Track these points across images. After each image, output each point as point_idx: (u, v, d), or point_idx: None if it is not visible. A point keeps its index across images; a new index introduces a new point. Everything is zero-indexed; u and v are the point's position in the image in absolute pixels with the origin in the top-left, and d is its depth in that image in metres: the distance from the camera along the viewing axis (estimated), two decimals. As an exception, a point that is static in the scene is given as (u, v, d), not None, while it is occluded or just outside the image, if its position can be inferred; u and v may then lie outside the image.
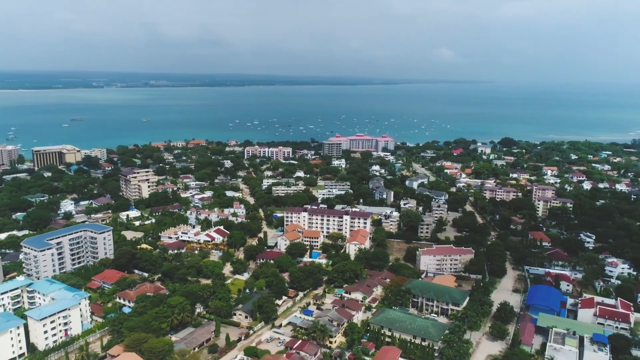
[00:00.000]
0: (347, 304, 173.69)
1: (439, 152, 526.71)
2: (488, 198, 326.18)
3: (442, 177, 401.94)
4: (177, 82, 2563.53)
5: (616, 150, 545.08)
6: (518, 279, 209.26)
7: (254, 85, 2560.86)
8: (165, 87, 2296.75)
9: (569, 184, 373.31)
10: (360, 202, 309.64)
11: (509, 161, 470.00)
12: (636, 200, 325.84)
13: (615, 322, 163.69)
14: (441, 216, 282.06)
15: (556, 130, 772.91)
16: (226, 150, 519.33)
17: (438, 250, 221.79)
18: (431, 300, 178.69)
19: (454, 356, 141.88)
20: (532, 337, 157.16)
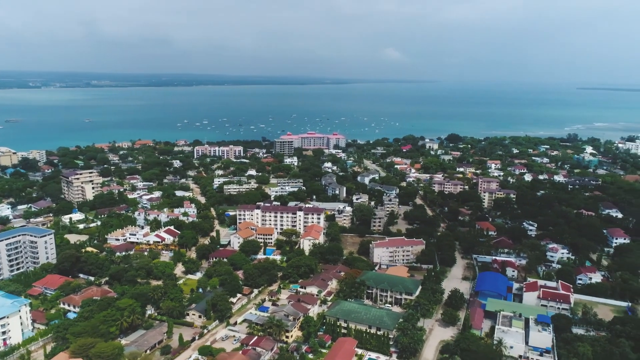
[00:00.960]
0: (302, 299, 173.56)
1: (388, 148, 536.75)
2: (437, 191, 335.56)
3: (392, 172, 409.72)
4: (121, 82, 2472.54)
5: (553, 144, 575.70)
6: (467, 267, 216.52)
7: (202, 85, 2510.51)
8: (108, 87, 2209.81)
9: (511, 176, 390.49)
10: (313, 199, 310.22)
11: (455, 156, 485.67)
12: (573, 190, 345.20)
13: (557, 303, 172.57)
14: (393, 210, 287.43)
15: (498, 127, 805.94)
16: (175, 150, 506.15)
17: (390, 242, 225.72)
18: (385, 290, 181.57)
19: (409, 343, 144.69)
20: (482, 321, 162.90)
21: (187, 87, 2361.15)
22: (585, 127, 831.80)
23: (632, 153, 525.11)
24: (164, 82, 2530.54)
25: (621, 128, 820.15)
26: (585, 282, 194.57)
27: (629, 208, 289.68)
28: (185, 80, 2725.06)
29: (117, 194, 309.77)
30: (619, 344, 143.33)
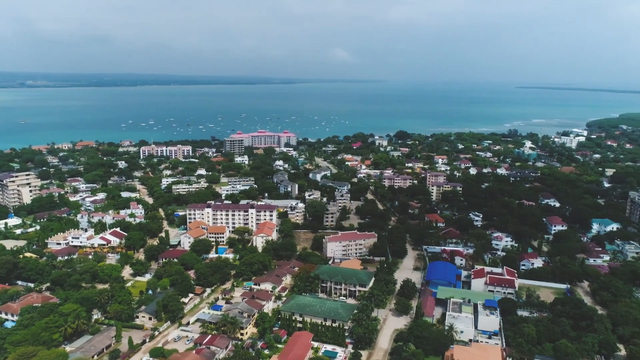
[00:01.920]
0: (256, 295, 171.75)
1: (339, 146, 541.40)
2: (387, 186, 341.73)
3: (343, 169, 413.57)
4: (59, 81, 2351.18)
5: (496, 140, 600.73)
6: (418, 257, 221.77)
7: (147, 85, 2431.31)
8: (45, 87, 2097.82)
9: (457, 170, 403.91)
10: (265, 196, 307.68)
11: (404, 152, 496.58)
12: (514, 182, 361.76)
13: (503, 288, 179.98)
14: (345, 205, 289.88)
15: (444, 124, 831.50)
16: (120, 151, 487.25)
17: (343, 236, 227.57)
18: (339, 283, 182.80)
19: (364, 333, 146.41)
20: (433, 308, 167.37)
21: (131, 87, 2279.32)
22: (524, 123, 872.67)
23: (567, 147, 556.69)
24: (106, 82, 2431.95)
25: (556, 124, 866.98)
26: (528, 267, 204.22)
27: (565, 197, 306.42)
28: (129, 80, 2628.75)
29: (58, 196, 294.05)
30: (560, 323, 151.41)
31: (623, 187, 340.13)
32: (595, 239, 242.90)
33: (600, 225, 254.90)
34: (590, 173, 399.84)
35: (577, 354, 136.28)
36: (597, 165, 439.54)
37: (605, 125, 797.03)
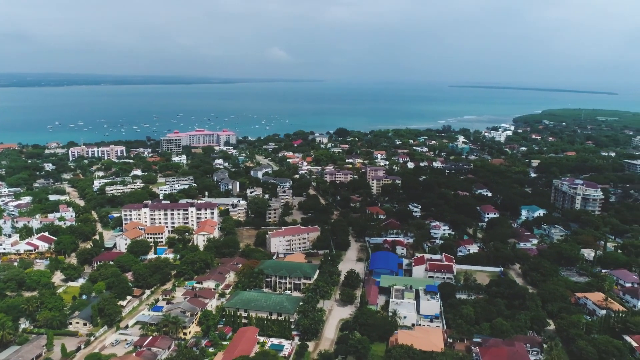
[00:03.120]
0: (199, 294, 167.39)
1: (280, 143, 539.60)
2: (329, 181, 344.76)
3: (285, 166, 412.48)
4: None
5: (431, 135, 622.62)
6: (361, 249, 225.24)
7: (76, 85, 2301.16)
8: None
9: (396, 165, 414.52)
10: (205, 195, 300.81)
11: (344, 148, 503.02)
12: (449, 174, 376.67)
13: (442, 274, 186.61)
14: (287, 201, 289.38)
15: (382, 121, 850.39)
16: (46, 153, 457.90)
17: (287, 231, 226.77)
18: (284, 277, 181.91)
19: (310, 324, 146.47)
20: (377, 297, 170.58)
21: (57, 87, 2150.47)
22: (457, 120, 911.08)
23: (497, 140, 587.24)
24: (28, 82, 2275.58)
25: (486, 120, 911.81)
26: (465, 253, 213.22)
27: (496, 187, 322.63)
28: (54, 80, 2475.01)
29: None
30: (495, 303, 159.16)
31: (547, 176, 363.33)
32: (524, 224, 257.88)
33: (529, 211, 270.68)
34: (518, 164, 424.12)
35: (512, 331, 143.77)
36: (523, 157, 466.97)
37: (530, 121, 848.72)
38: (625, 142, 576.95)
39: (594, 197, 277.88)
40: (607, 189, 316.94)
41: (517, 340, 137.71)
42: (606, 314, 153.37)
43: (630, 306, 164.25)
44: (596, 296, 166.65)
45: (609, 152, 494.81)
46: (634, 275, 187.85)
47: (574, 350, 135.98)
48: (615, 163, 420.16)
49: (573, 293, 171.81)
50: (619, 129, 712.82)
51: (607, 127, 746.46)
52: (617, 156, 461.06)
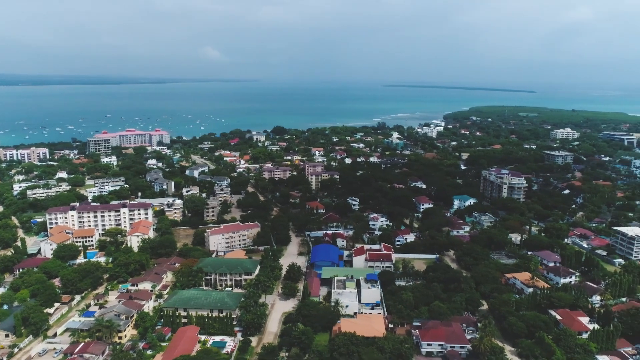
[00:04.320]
0: (135, 296, 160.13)
1: (216, 142, 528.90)
2: (267, 178, 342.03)
3: (222, 164, 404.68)
4: None
5: (367, 132, 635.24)
6: (301, 243, 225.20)
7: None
8: None
9: (334, 161, 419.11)
10: (139, 196, 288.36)
11: (282, 146, 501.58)
12: (386, 168, 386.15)
13: (382, 263, 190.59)
14: (225, 199, 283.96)
15: (319, 119, 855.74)
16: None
17: (225, 228, 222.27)
18: (224, 274, 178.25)
19: (252, 319, 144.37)
20: (319, 288, 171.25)
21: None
22: (391, 117, 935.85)
23: (429, 136, 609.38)
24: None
25: (418, 117, 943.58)
26: (403, 242, 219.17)
27: (430, 179, 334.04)
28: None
29: None
30: (432, 288, 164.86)
31: (476, 168, 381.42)
32: (457, 213, 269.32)
33: (460, 201, 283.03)
34: (449, 158, 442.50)
35: (449, 312, 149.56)
36: (454, 151, 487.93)
37: (458, 117, 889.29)
38: (545, 135, 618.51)
39: (518, 186, 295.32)
40: (530, 178, 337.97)
41: (453, 321, 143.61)
42: (533, 292, 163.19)
43: (553, 283, 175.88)
44: (523, 276, 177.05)
45: (530, 144, 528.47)
46: (556, 255, 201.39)
47: (505, 326, 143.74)
48: (536, 154, 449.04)
49: (503, 274, 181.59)
50: (539, 124, 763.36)
51: (528, 122, 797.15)
52: (538, 148, 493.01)
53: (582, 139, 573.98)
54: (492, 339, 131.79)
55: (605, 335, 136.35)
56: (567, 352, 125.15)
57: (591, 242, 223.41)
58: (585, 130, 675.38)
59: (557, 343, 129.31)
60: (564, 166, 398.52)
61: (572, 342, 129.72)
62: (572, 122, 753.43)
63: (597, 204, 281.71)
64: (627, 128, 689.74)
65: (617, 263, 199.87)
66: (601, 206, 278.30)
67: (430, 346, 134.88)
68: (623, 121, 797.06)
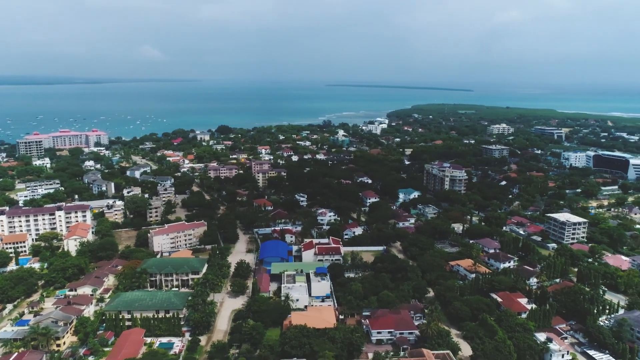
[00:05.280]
0: (74, 301, 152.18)
1: (158, 142, 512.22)
2: (213, 177, 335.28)
3: (165, 164, 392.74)
4: None
5: (313, 130, 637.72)
6: (250, 240, 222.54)
7: None
8: None
9: (280, 159, 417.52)
10: (76, 198, 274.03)
11: (227, 145, 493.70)
12: (332, 165, 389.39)
13: (331, 256, 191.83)
14: (169, 199, 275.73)
15: (265, 118, 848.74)
16: None
17: (170, 228, 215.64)
18: (170, 274, 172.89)
19: (201, 318, 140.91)
20: (269, 284, 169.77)
21: None
22: (336, 116, 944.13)
23: (373, 133, 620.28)
24: None
25: (363, 115, 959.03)
26: (351, 236, 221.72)
27: (375, 175, 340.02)
28: None
29: None
30: (381, 278, 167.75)
31: (419, 162, 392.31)
32: (402, 205, 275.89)
33: (405, 194, 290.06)
34: (394, 153, 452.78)
35: (397, 301, 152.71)
36: (398, 147, 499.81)
37: (401, 115, 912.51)
38: (482, 131, 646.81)
39: (459, 178, 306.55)
40: (469, 171, 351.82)
41: (402, 309, 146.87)
42: (475, 277, 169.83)
43: (494, 268, 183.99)
44: (466, 263, 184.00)
45: (469, 139, 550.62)
46: (495, 242, 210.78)
47: (450, 311, 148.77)
48: (475, 149, 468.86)
49: (447, 262, 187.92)
50: (476, 120, 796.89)
51: (467, 119, 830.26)
52: (476, 143, 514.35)
53: (516, 134, 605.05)
54: (438, 324, 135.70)
55: (542, 314, 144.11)
56: (508, 332, 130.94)
57: (527, 229, 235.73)
58: (519, 125, 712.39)
59: (499, 324, 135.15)
60: (500, 159, 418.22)
61: (512, 322, 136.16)
62: (507, 118, 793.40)
63: (532, 193, 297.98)
64: (556, 123, 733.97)
65: (550, 247, 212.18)
66: (535, 195, 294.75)
67: (380, 334, 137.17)
68: (552, 117, 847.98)
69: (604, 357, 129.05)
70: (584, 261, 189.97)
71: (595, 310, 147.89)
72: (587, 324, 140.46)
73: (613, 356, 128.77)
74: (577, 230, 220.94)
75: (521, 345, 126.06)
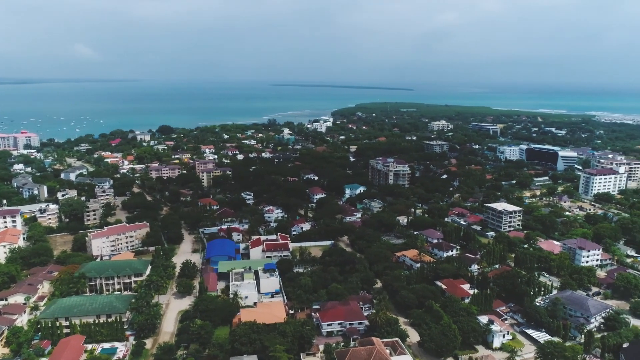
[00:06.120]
0: (4, 310, 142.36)
1: (95, 144, 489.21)
2: (155, 178, 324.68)
3: (103, 166, 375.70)
4: None
5: (258, 129, 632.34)
6: (195, 240, 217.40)
7: None
8: None
9: (225, 158, 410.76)
10: (4, 204, 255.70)
11: (169, 145, 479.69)
12: (279, 163, 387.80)
13: (279, 252, 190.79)
14: (108, 201, 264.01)
15: (208, 118, 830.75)
16: None
17: (110, 230, 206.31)
18: (111, 278, 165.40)
19: (145, 321, 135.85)
20: (216, 283, 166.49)
21: None
22: (281, 115, 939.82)
23: (319, 131, 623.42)
24: None
25: (308, 114, 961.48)
26: (299, 232, 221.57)
27: (321, 171, 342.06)
28: None
29: None
30: (329, 271, 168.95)
31: (364, 158, 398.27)
32: (348, 200, 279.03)
33: (351, 189, 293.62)
34: (339, 150, 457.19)
35: (346, 292, 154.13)
36: (343, 144, 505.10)
37: (345, 113, 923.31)
38: (423, 127, 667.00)
39: (403, 173, 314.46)
40: (412, 165, 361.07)
41: (351, 300, 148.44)
42: (420, 266, 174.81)
43: (438, 257, 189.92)
44: (412, 253, 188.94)
45: (411, 136, 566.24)
46: (438, 232, 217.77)
47: (398, 300, 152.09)
48: (417, 145, 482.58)
49: (393, 253, 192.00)
50: (418, 117, 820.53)
51: (408, 117, 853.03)
52: (418, 139, 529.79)
53: (455, 130, 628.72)
54: (387, 313, 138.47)
55: (483, 298, 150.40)
56: (453, 316, 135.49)
57: (467, 219, 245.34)
58: (457, 122, 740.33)
59: (444, 309, 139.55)
60: (441, 154, 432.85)
61: (456, 306, 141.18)
62: (446, 115, 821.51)
63: (471, 185, 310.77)
64: (492, 120, 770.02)
65: (489, 235, 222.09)
66: (474, 187, 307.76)
67: (330, 326, 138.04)
68: (488, 114, 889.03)
69: (540, 334, 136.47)
70: (520, 247, 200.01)
71: (532, 292, 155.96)
72: (524, 305, 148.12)
73: (549, 333, 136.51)
74: (513, 219, 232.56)
75: (465, 328, 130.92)
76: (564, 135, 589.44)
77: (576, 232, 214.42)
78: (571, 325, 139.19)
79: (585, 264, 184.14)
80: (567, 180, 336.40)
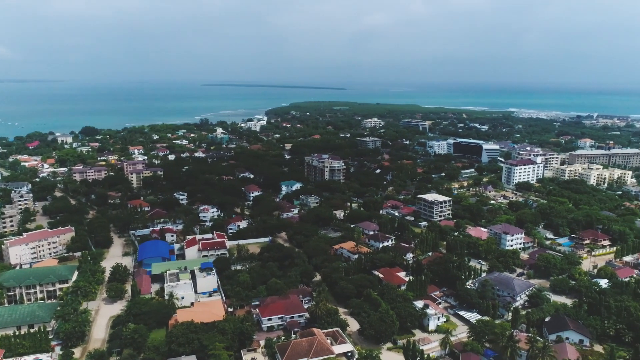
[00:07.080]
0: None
1: (10, 147, 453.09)
2: (79, 181, 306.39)
3: (19, 170, 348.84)
4: None
5: (189, 129, 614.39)
6: (126, 243, 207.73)
7: None
8: None
9: (156, 158, 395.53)
10: None
11: (94, 147, 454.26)
12: (212, 162, 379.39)
13: (216, 251, 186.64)
14: (27, 206, 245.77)
15: (136, 119, 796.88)
16: None
17: (30, 237, 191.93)
18: (33, 287, 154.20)
19: (73, 328, 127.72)
20: (150, 285, 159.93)
21: None
22: (213, 114, 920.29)
23: (253, 130, 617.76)
24: None
25: (241, 113, 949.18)
26: (236, 230, 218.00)
27: (257, 169, 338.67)
28: None
29: None
30: (268, 267, 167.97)
31: (299, 156, 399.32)
32: (285, 197, 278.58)
33: (288, 186, 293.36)
34: (274, 148, 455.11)
35: (285, 287, 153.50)
36: (278, 142, 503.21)
37: (279, 113, 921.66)
38: (356, 125, 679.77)
39: (338, 168, 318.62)
40: (347, 161, 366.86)
41: (291, 294, 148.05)
42: (358, 257, 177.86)
43: (374, 248, 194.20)
44: (349, 245, 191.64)
45: (345, 133, 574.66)
46: (374, 224, 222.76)
47: (337, 290, 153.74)
48: (351, 141, 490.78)
49: (331, 246, 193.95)
50: (351, 116, 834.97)
51: (342, 115, 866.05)
52: (352, 136, 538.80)
53: (387, 127, 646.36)
54: (326, 304, 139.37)
55: (418, 284, 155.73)
56: (390, 303, 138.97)
57: (401, 210, 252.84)
58: (389, 119, 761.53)
59: (381, 297, 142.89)
60: (374, 150, 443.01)
61: (393, 293, 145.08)
62: (378, 113, 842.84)
63: (403, 179, 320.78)
64: (420, 117, 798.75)
65: (422, 225, 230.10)
66: (406, 181, 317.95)
67: (271, 321, 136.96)
68: (417, 111, 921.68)
69: (472, 315, 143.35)
70: (450, 235, 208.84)
71: (463, 276, 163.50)
72: (456, 288, 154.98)
73: (479, 313, 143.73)
74: (444, 208, 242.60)
75: (402, 313, 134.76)
76: (487, 130, 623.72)
77: (501, 219, 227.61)
78: (499, 304, 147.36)
79: (510, 247, 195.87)
80: (491, 171, 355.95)
